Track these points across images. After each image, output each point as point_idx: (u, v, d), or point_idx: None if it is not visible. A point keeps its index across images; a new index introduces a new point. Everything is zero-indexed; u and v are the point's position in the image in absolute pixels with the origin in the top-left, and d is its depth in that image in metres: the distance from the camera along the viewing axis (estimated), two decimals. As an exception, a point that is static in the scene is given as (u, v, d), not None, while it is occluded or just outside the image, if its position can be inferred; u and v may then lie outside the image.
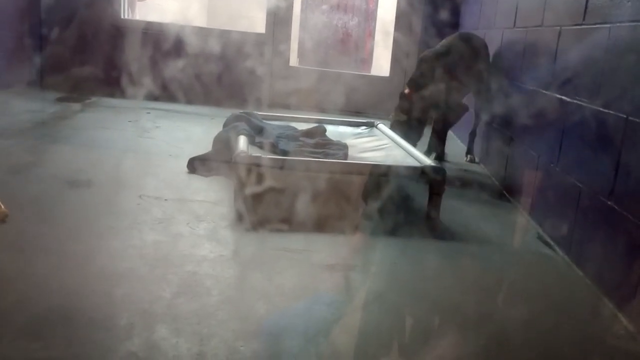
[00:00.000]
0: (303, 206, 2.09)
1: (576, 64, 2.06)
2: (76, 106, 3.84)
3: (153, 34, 4.42)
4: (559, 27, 2.24)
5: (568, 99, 2.07)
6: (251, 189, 2.03)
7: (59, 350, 1.18)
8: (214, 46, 4.40)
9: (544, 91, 2.33)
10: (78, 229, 1.82)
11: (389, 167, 2.23)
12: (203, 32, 4.52)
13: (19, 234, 1.72)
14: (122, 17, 4.53)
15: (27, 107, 3.59)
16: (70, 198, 2.08)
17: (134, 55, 4.35)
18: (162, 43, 4.39)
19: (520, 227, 2.29)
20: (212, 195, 2.24)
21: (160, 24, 4.51)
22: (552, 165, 2.16)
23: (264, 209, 2.03)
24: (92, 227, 1.85)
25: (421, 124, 3.11)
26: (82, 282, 1.47)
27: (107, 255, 1.65)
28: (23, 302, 1.34)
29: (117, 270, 1.55)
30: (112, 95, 4.15)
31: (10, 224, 1.76)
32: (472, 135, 3.39)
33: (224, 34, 4.51)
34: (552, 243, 2.07)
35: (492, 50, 3.24)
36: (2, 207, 1.81)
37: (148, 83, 4.19)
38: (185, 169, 2.54)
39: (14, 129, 3.00)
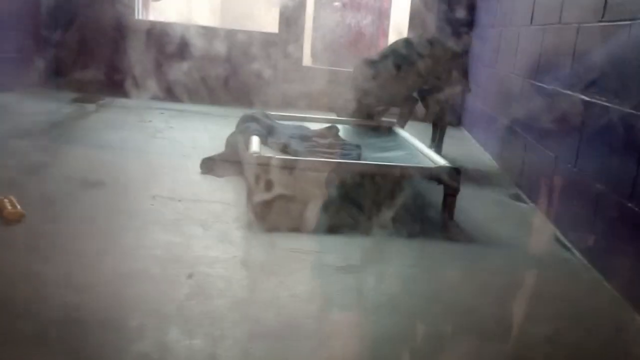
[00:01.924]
0: (315, 207, 2.07)
1: (595, 63, 2.02)
2: (90, 107, 3.86)
3: (166, 35, 4.44)
4: (577, 25, 2.20)
5: (587, 99, 2.02)
6: (264, 189, 2.02)
7: (71, 350, 1.17)
8: (227, 46, 4.41)
9: (563, 90, 2.28)
10: (91, 229, 1.83)
11: (402, 167, 2.20)
12: (216, 32, 4.53)
13: (33, 234, 1.73)
14: (136, 17, 4.55)
15: (42, 107, 3.62)
16: (84, 198, 2.09)
17: (147, 55, 4.37)
18: (174, 43, 4.40)
19: (538, 230, 2.25)
20: (225, 196, 2.24)
21: (173, 25, 4.53)
22: (570, 166, 2.12)
23: (276, 209, 2.02)
24: (106, 227, 1.85)
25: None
26: (95, 282, 1.47)
27: (119, 255, 1.65)
28: (36, 301, 1.34)
29: (130, 271, 1.54)
30: (125, 95, 4.17)
31: (25, 224, 1.77)
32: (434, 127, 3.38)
33: (237, 34, 4.51)
34: (570, 246, 2.03)
35: (510, 48, 3.20)
36: (19, 207, 1.82)
37: (161, 83, 4.20)
38: (199, 170, 2.53)
39: (29, 130, 3.03)
